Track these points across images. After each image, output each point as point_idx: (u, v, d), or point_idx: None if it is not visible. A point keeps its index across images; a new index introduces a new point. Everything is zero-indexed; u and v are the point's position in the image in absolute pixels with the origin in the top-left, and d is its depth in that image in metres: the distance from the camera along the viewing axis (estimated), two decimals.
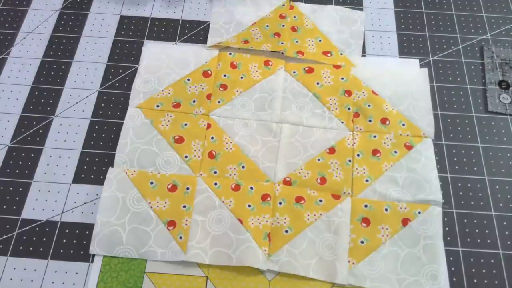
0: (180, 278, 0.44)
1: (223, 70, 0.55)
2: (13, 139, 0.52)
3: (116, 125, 0.53)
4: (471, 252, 0.46)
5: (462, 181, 0.50)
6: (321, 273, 0.44)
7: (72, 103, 0.54)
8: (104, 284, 0.44)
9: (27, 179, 0.49)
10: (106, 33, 0.60)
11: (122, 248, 0.45)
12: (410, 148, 0.50)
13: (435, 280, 0.44)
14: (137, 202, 0.47)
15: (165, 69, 0.55)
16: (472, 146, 0.52)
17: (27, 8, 0.62)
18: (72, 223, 0.47)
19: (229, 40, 0.58)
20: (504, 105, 0.54)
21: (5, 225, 0.47)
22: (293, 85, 0.55)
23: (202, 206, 0.47)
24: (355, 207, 0.47)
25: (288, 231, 0.46)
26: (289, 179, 0.49)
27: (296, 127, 0.52)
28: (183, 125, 0.52)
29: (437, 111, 0.54)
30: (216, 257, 0.44)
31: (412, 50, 0.59)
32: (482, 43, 0.59)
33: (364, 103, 0.53)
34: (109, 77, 0.56)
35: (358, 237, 0.46)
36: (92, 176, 0.49)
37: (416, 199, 0.47)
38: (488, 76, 0.56)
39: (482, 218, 0.48)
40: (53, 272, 0.44)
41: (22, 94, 0.55)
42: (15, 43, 0.59)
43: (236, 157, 0.50)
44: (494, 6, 0.62)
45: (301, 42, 0.58)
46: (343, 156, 0.50)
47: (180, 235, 0.45)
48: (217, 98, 0.53)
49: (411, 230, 0.46)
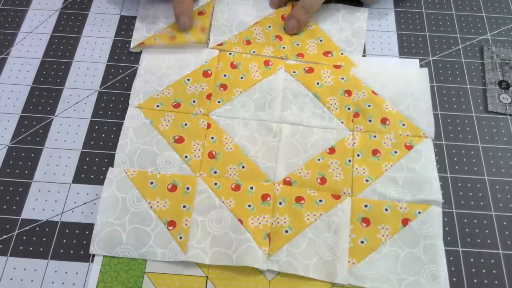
0: (180, 278, 0.44)
1: (223, 70, 0.55)
2: (13, 139, 0.52)
3: (116, 125, 0.53)
4: (471, 252, 0.46)
5: (462, 181, 0.50)
6: (321, 273, 0.44)
7: (72, 103, 0.54)
8: (104, 284, 0.44)
9: (27, 179, 0.49)
10: (106, 33, 0.60)
11: (122, 248, 0.45)
12: (410, 148, 0.50)
13: (435, 280, 0.44)
14: (137, 202, 0.47)
15: (165, 69, 0.55)
16: (472, 146, 0.52)
17: (27, 8, 0.62)
18: (72, 223, 0.47)
19: (231, 40, 0.58)
20: (504, 105, 0.54)
21: (5, 225, 0.47)
22: (293, 85, 0.55)
23: (202, 206, 0.47)
24: (355, 207, 0.47)
25: (288, 231, 0.46)
26: (289, 179, 0.49)
27: (296, 127, 0.52)
28: (183, 125, 0.52)
29: (437, 111, 0.54)
30: (216, 257, 0.44)
31: (412, 50, 0.59)
32: (482, 43, 0.59)
33: (364, 103, 0.53)
34: (109, 77, 0.56)
35: (358, 237, 0.46)
36: (92, 176, 0.49)
37: (416, 199, 0.47)
38: (488, 76, 0.56)
39: (482, 218, 0.48)
40: (53, 272, 0.44)
41: (22, 94, 0.55)
42: (15, 43, 0.59)
43: (236, 157, 0.50)
44: (494, 6, 0.62)
45: (302, 44, 0.58)
46: (343, 156, 0.50)
47: (180, 235, 0.45)
48: (217, 98, 0.54)
49: (411, 230, 0.46)
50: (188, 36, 0.57)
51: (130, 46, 0.58)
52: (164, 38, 0.57)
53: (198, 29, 0.58)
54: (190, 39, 0.57)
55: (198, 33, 0.57)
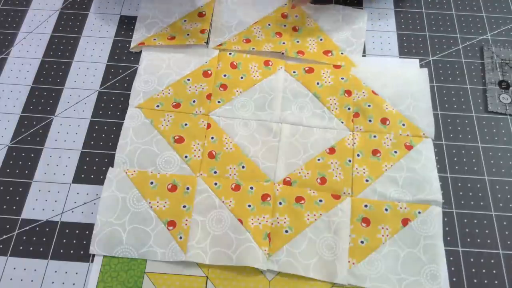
0: (180, 278, 0.44)
1: (223, 70, 0.55)
2: (13, 139, 0.52)
3: (116, 125, 0.53)
4: (471, 252, 0.46)
5: (462, 181, 0.50)
6: (321, 273, 0.44)
7: (72, 103, 0.54)
8: (104, 284, 0.44)
9: (27, 179, 0.49)
10: (106, 33, 0.60)
11: (122, 248, 0.45)
12: (410, 148, 0.50)
13: (435, 280, 0.44)
14: (137, 202, 0.47)
15: (165, 69, 0.55)
16: (472, 146, 0.52)
17: (27, 8, 0.62)
18: (72, 223, 0.47)
19: (231, 40, 0.58)
20: (504, 105, 0.54)
21: (5, 225, 0.47)
22: (293, 85, 0.55)
23: (202, 206, 0.47)
24: (355, 207, 0.47)
25: (288, 231, 0.46)
26: (289, 179, 0.49)
27: (296, 127, 0.52)
28: (183, 125, 0.52)
29: (437, 111, 0.54)
30: (216, 257, 0.44)
31: (412, 50, 0.59)
32: (482, 43, 0.59)
33: (364, 103, 0.53)
34: (109, 77, 0.56)
35: (358, 237, 0.46)
36: (92, 176, 0.49)
37: (416, 199, 0.47)
38: (488, 76, 0.56)
39: (482, 218, 0.48)
40: (53, 272, 0.44)
41: (22, 94, 0.55)
42: (15, 43, 0.59)
43: (236, 157, 0.50)
44: (494, 6, 0.62)
45: (302, 41, 0.58)
46: (343, 156, 0.50)
47: (180, 235, 0.45)
48: (217, 98, 0.53)
49: (411, 230, 0.46)
50: (188, 37, 0.57)
51: (130, 46, 0.58)
52: (164, 38, 0.57)
53: (198, 29, 0.58)
54: (190, 39, 0.57)
55: (198, 33, 0.57)
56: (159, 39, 0.57)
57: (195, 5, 0.60)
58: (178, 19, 0.59)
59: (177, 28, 0.58)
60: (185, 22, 0.59)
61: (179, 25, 0.59)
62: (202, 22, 0.58)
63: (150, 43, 0.57)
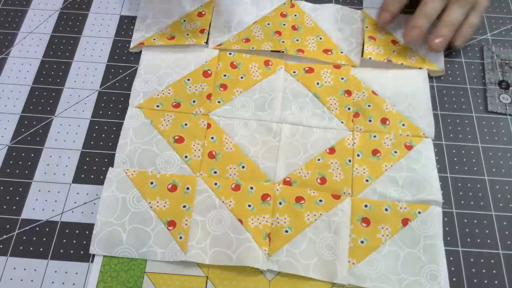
0: (180, 278, 0.44)
1: (223, 70, 0.55)
2: (13, 139, 0.52)
3: (116, 125, 0.53)
4: (471, 252, 0.46)
5: (462, 181, 0.50)
6: (321, 273, 0.44)
7: (72, 103, 0.54)
8: (104, 284, 0.44)
9: (27, 179, 0.49)
10: (106, 33, 0.60)
11: (122, 248, 0.45)
12: (410, 148, 0.50)
13: (435, 280, 0.44)
14: (137, 202, 0.47)
15: (165, 69, 0.55)
16: (472, 146, 0.52)
17: (27, 8, 0.62)
18: (72, 223, 0.47)
19: (231, 40, 0.58)
20: (504, 105, 0.54)
21: (5, 225, 0.47)
22: (293, 85, 0.55)
23: (202, 206, 0.47)
24: (355, 207, 0.47)
25: (288, 231, 0.46)
26: (289, 179, 0.49)
27: (296, 127, 0.52)
28: (183, 125, 0.52)
29: (437, 111, 0.54)
30: (216, 257, 0.44)
31: None
32: (482, 43, 0.59)
33: (364, 103, 0.53)
34: (109, 77, 0.56)
35: (358, 237, 0.46)
36: (92, 176, 0.49)
37: (416, 199, 0.47)
38: (488, 76, 0.56)
39: (482, 218, 0.48)
40: (53, 272, 0.44)
41: (22, 94, 0.55)
42: (15, 43, 0.59)
43: (236, 157, 0.50)
44: (494, 6, 0.62)
45: (301, 40, 0.58)
46: (343, 156, 0.50)
47: (180, 235, 0.45)
48: (217, 98, 0.54)
49: (411, 230, 0.46)
50: (188, 37, 0.57)
51: (130, 46, 0.58)
52: (164, 38, 0.57)
53: (197, 29, 0.58)
54: (189, 39, 0.57)
55: (197, 33, 0.57)
56: (159, 39, 0.57)
57: (194, 5, 0.60)
58: (178, 19, 0.59)
59: (176, 28, 0.58)
60: (185, 22, 0.59)
61: (178, 25, 0.59)
62: (202, 22, 0.58)
63: (150, 43, 0.57)
